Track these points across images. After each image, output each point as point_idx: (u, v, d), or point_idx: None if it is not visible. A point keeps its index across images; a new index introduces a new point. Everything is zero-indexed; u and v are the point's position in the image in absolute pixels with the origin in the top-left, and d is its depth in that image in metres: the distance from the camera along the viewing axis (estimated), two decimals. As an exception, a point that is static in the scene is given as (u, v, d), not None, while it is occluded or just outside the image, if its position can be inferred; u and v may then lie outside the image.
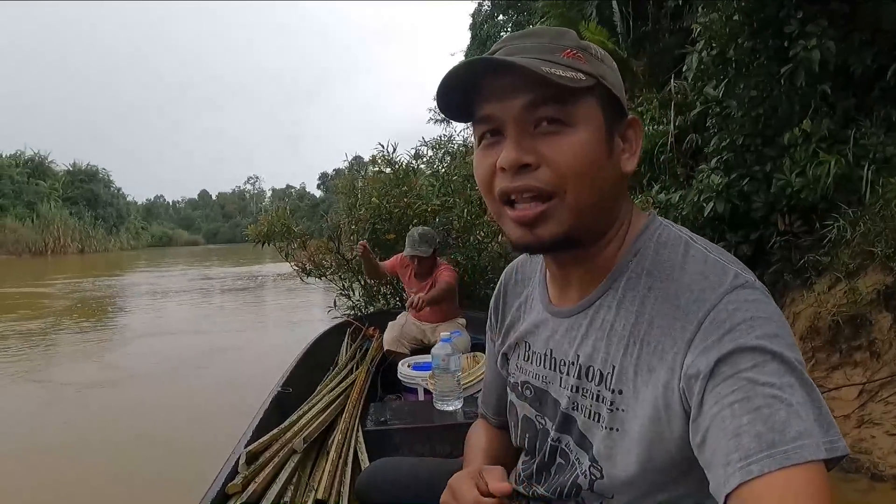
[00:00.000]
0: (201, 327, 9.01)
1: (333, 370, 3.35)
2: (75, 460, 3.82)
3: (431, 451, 2.28)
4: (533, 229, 0.77)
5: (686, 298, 0.72)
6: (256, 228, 6.37)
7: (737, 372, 0.63)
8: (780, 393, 0.61)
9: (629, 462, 0.76)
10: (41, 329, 8.98)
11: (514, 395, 1.00)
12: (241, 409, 3.44)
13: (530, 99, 0.74)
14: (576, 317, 0.86)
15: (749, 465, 0.58)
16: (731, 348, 0.65)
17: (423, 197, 5.86)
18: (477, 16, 21.15)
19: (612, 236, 0.83)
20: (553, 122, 0.74)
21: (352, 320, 4.44)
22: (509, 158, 0.74)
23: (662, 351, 0.72)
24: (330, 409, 2.49)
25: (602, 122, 0.77)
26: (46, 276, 20.23)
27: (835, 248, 4.07)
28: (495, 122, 0.77)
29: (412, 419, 2.45)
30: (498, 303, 1.08)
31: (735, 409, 0.62)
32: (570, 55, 0.75)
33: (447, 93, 0.78)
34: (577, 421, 0.84)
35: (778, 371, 0.63)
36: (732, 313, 0.68)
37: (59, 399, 5.30)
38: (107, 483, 3.44)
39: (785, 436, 0.58)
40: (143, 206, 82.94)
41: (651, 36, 9.03)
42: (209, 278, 18.62)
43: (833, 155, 4.26)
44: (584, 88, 0.74)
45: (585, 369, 0.83)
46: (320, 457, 2.20)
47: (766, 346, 0.64)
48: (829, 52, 4.28)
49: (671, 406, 0.71)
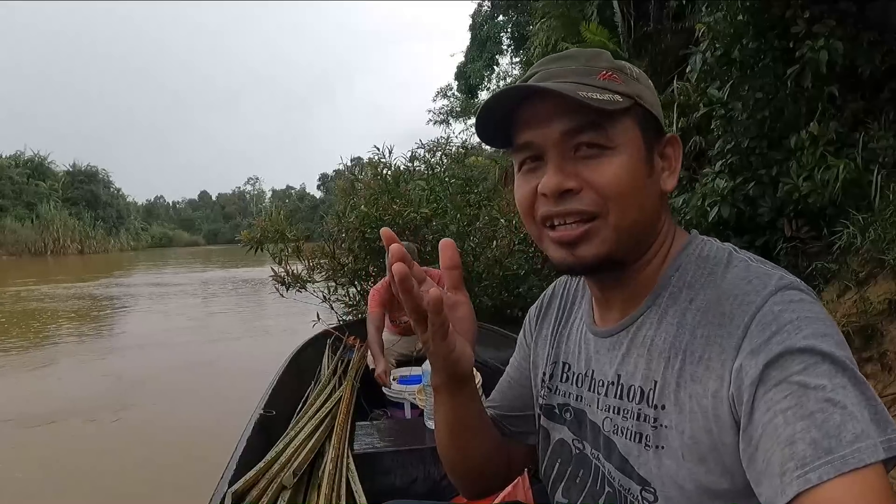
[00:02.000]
0: (179, 338, 8.71)
1: (316, 385, 3.23)
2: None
3: (425, 474, 2.18)
4: (574, 250, 0.77)
5: (730, 304, 0.70)
6: (250, 233, 6.26)
7: (787, 376, 0.62)
8: (832, 395, 0.59)
9: (682, 481, 0.72)
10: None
11: (547, 419, 0.97)
12: (222, 436, 3.01)
13: (570, 125, 0.74)
14: (617, 336, 0.84)
15: (807, 474, 0.57)
16: (779, 350, 0.63)
17: (413, 204, 5.76)
18: (477, 16, 21.02)
19: (653, 255, 0.82)
20: (593, 147, 0.74)
21: (331, 330, 4.34)
22: (551, 184, 0.74)
23: (708, 360, 0.70)
24: (318, 435, 2.35)
25: (641, 142, 0.77)
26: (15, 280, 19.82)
27: (844, 256, 3.96)
28: (535, 149, 0.77)
29: (403, 440, 2.35)
30: (539, 314, 1.07)
31: (788, 416, 0.60)
32: (605, 77, 0.76)
33: (486, 121, 0.80)
34: (618, 445, 0.81)
35: (829, 372, 0.61)
36: (779, 315, 0.66)
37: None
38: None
39: (841, 441, 0.57)
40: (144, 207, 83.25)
41: (653, 36, 8.93)
42: (208, 283, 18.38)
43: (841, 159, 4.15)
44: (622, 110, 0.74)
45: (627, 388, 0.80)
46: (311, 489, 2.05)
47: (816, 347, 0.62)
48: (836, 52, 4.17)
49: (721, 417, 0.68)
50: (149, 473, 3.88)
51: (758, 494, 0.62)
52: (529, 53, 14.38)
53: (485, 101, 0.77)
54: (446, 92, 26.04)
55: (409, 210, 5.70)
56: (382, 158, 6.67)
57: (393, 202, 5.78)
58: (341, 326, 4.65)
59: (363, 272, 6.38)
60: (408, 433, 2.45)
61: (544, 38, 11.19)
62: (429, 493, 2.14)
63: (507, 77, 20.80)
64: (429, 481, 2.18)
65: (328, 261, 6.33)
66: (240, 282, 17.69)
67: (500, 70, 21.04)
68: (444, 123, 25.95)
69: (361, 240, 5.91)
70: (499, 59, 20.68)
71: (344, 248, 6.23)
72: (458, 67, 21.97)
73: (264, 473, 1.95)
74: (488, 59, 20.37)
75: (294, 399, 2.94)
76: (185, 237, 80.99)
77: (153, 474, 3.87)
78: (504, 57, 20.60)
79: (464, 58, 21.60)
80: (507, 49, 20.08)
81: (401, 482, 2.17)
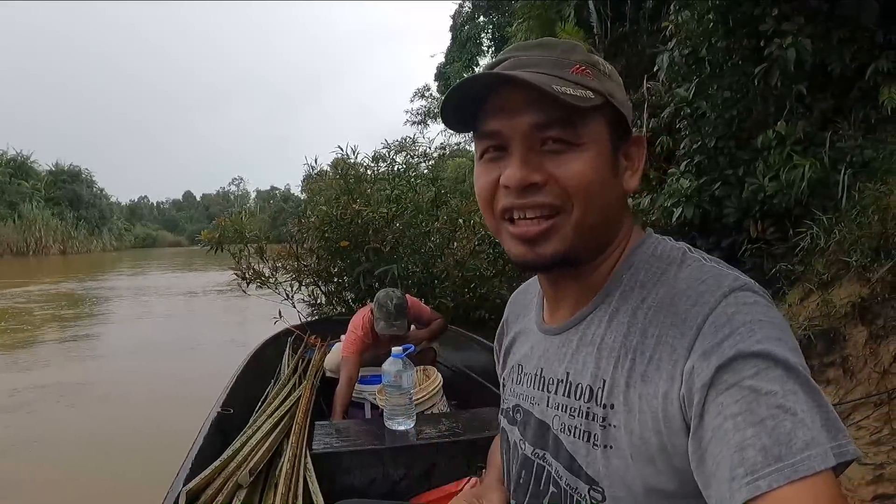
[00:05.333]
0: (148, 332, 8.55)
1: (276, 384, 3.16)
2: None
3: (384, 474, 2.16)
4: (534, 247, 0.76)
5: (682, 304, 0.69)
6: (209, 233, 6.10)
7: (739, 381, 0.61)
8: (783, 402, 0.59)
9: (630, 481, 0.71)
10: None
11: (505, 420, 0.97)
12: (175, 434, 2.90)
13: (540, 118, 0.72)
14: (566, 333, 0.83)
15: (756, 481, 0.56)
16: (731, 354, 0.62)
17: (373, 204, 5.64)
18: (457, 17, 21.03)
19: (609, 253, 0.81)
20: (560, 142, 0.73)
21: (293, 328, 4.22)
22: (516, 177, 0.73)
23: (659, 360, 0.69)
24: (276, 434, 2.30)
25: (608, 141, 0.76)
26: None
27: (808, 257, 3.88)
28: (500, 139, 0.76)
29: (362, 440, 2.31)
30: (501, 329, 1.08)
31: (738, 422, 0.59)
32: (578, 71, 0.74)
33: (453, 104, 0.77)
34: (565, 444, 0.79)
35: (781, 378, 0.60)
36: (732, 317, 0.65)
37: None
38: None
39: (791, 448, 0.56)
40: (127, 207, 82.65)
41: (629, 37, 8.88)
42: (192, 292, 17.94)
43: (808, 158, 4.09)
44: (593, 107, 0.73)
45: (575, 387, 0.79)
46: (268, 489, 2.00)
47: (769, 352, 0.61)
48: (805, 50, 4.10)
49: (670, 418, 0.66)
50: (104, 475, 3.83)
51: (706, 497, 0.62)
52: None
53: (456, 84, 0.75)
54: (424, 93, 25.97)
55: (368, 210, 5.56)
56: (347, 159, 6.55)
57: (353, 202, 5.63)
58: (303, 325, 4.56)
59: (325, 272, 6.24)
60: (367, 433, 2.41)
61: (522, 38, 11.15)
62: (388, 494, 2.13)
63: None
64: (388, 482, 2.16)
65: (292, 261, 6.20)
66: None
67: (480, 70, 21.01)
68: (422, 124, 25.83)
69: (322, 240, 5.78)
70: (479, 60, 20.68)
71: (306, 249, 6.10)
72: (437, 68, 21.96)
73: (220, 472, 1.90)
74: (468, 60, 20.36)
75: (253, 398, 2.88)
76: (168, 237, 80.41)
77: (109, 476, 3.81)
78: (484, 58, 20.59)
79: (444, 58, 21.58)
80: (488, 50, 20.10)
81: (359, 482, 2.15)
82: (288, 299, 6.16)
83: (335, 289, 6.48)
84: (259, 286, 6.07)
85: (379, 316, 3.16)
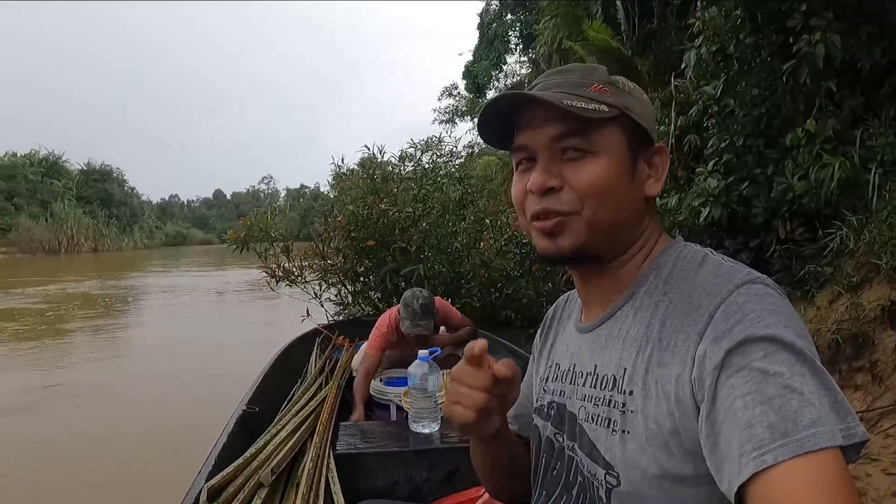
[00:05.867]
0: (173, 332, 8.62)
1: (302, 384, 3.19)
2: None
3: (408, 477, 2.17)
4: (554, 240, 0.82)
5: (698, 295, 0.74)
6: (235, 232, 6.16)
7: (748, 363, 0.63)
8: (791, 382, 0.61)
9: (645, 465, 0.74)
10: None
11: (538, 417, 1.01)
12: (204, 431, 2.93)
13: (558, 130, 0.81)
14: (597, 330, 0.88)
15: (763, 455, 0.58)
16: (741, 338, 0.65)
17: (399, 204, 5.65)
18: (485, 15, 20.92)
19: (634, 254, 0.86)
20: (577, 151, 0.80)
21: (321, 328, 4.25)
22: (537, 182, 0.81)
23: (674, 346, 0.73)
24: (300, 433, 2.32)
25: (626, 149, 0.82)
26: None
27: (838, 259, 3.80)
28: (529, 151, 0.84)
29: (386, 442, 2.33)
30: (543, 330, 1.11)
31: (747, 401, 0.61)
32: (596, 89, 0.82)
33: (487, 123, 0.88)
34: (588, 432, 0.84)
35: (788, 360, 0.62)
36: (743, 305, 0.68)
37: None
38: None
39: (798, 425, 0.58)
40: (158, 206, 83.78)
41: (657, 34, 8.77)
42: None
43: (838, 157, 3.99)
44: (608, 118, 0.80)
45: (601, 377, 0.83)
46: (289, 488, 2.02)
47: (777, 336, 0.64)
48: (834, 46, 4.01)
49: (682, 401, 0.70)
50: (128, 470, 3.88)
51: (718, 482, 0.64)
52: (536, 52, 14.28)
53: (484, 105, 0.86)
54: (451, 91, 25.87)
55: (394, 210, 5.58)
56: (374, 158, 6.58)
57: (381, 201, 5.66)
58: (331, 325, 4.58)
59: (351, 272, 6.28)
60: (392, 435, 2.43)
61: (549, 36, 11.09)
62: (410, 496, 2.13)
63: (514, 76, 20.67)
64: (410, 484, 2.16)
65: (318, 261, 6.24)
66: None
67: (508, 69, 20.91)
68: (450, 123, 25.75)
69: (348, 238, 5.81)
70: (506, 58, 20.57)
71: (332, 248, 6.13)
72: (465, 66, 21.86)
73: (242, 470, 1.92)
74: (496, 58, 20.25)
75: (279, 396, 2.91)
76: (199, 235, 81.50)
77: (132, 471, 3.86)
78: (512, 56, 20.49)
79: (472, 56, 21.49)
80: (515, 48, 19.98)
81: (382, 484, 2.16)
82: (316, 298, 6.20)
83: (361, 288, 6.51)
84: (288, 285, 6.12)
85: (404, 315, 3.19)
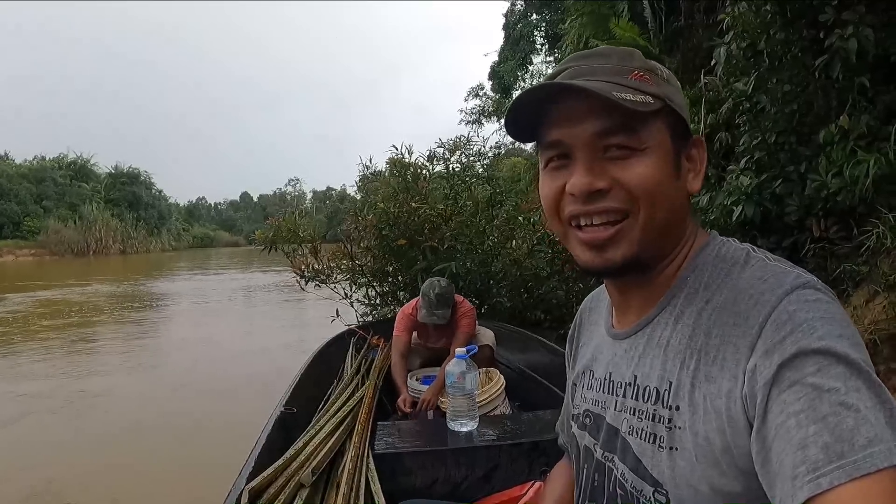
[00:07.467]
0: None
1: (339, 384, 3.22)
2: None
3: (446, 476, 2.18)
4: (602, 252, 0.78)
5: (745, 303, 0.70)
6: (263, 233, 6.25)
7: (801, 378, 0.61)
8: (846, 399, 0.58)
9: (696, 483, 0.71)
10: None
11: (576, 426, 0.98)
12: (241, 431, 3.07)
13: (602, 126, 0.74)
14: (634, 337, 0.85)
15: (818, 479, 0.56)
16: (793, 351, 0.62)
17: (430, 202, 5.67)
18: (510, 15, 20.89)
19: (674, 256, 0.82)
20: (623, 148, 0.74)
21: (356, 328, 4.30)
22: (582, 184, 0.75)
23: (723, 360, 0.69)
24: (338, 433, 2.34)
25: (670, 144, 0.77)
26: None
27: (874, 257, 3.73)
28: (564, 148, 0.78)
29: (424, 441, 2.35)
30: (573, 333, 1.09)
31: (801, 419, 0.59)
32: (637, 77, 0.76)
33: (517, 117, 0.80)
34: (633, 446, 0.81)
35: (843, 374, 0.60)
36: (793, 314, 0.65)
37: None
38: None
39: (854, 445, 0.56)
40: (185, 208, 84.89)
41: (684, 31, 8.68)
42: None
43: (873, 153, 3.91)
44: (653, 112, 0.74)
45: (643, 389, 0.80)
46: (329, 488, 2.04)
47: (830, 348, 0.62)
48: (867, 40, 3.94)
49: (734, 417, 0.67)
50: (170, 471, 3.97)
51: (770, 498, 0.62)
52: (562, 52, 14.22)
53: (517, 96, 0.77)
54: (478, 91, 25.90)
55: (425, 207, 5.60)
56: (403, 158, 6.62)
57: (411, 199, 5.68)
58: (366, 325, 4.63)
59: (381, 272, 6.32)
60: (429, 434, 2.46)
61: (575, 35, 11.04)
62: (449, 495, 2.14)
63: (540, 76, 20.60)
64: (449, 483, 2.17)
65: (347, 261, 6.30)
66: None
67: (534, 69, 20.85)
68: (476, 123, 25.75)
69: (379, 237, 5.85)
70: (532, 58, 20.52)
71: (362, 248, 6.19)
72: (491, 67, 21.87)
73: (283, 471, 1.94)
74: (521, 58, 20.23)
75: (316, 397, 2.93)
76: (225, 237, 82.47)
77: (173, 473, 3.94)
78: (538, 56, 20.42)
79: (497, 57, 21.47)
80: (541, 48, 19.92)
81: (421, 483, 2.17)
82: (346, 298, 6.25)
83: (390, 289, 6.55)
84: (317, 285, 6.18)
85: (421, 304, 3.31)
